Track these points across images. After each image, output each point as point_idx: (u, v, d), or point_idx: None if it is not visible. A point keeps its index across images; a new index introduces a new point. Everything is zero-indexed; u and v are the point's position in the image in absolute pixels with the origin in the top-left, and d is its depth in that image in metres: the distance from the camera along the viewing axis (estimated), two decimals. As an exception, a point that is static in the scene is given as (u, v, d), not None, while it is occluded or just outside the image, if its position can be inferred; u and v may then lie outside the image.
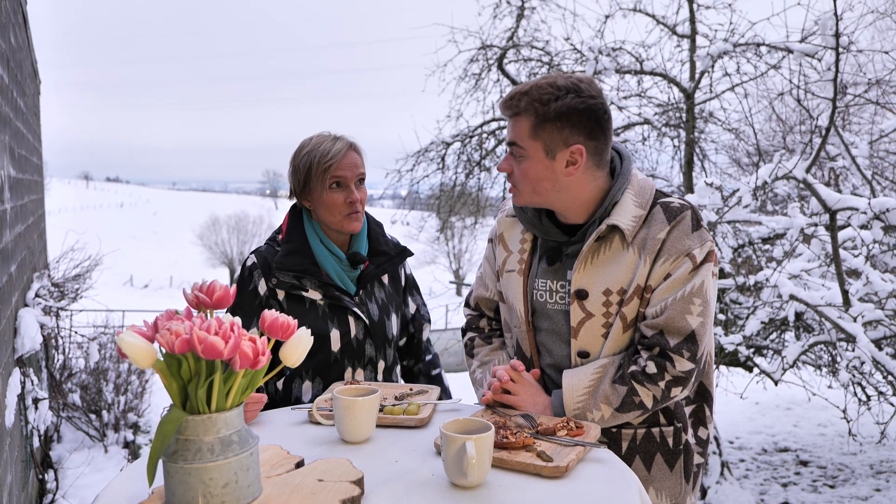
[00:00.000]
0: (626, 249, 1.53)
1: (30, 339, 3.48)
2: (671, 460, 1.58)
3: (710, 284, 1.52)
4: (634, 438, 1.56)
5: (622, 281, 1.52)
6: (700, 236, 1.52)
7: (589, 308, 1.54)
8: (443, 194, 6.84)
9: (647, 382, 1.49)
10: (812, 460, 5.41)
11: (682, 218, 1.52)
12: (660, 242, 1.51)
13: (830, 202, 3.42)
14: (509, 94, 1.55)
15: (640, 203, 1.55)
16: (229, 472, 0.95)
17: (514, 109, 1.53)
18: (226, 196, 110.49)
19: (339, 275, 1.88)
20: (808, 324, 3.94)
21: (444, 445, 1.19)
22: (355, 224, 1.86)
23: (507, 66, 5.89)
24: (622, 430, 1.56)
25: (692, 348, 1.49)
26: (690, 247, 1.50)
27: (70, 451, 5.09)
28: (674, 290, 1.49)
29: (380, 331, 1.91)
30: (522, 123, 1.52)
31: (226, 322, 0.92)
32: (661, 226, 1.52)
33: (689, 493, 1.63)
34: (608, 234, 1.55)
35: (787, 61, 4.30)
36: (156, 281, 39.90)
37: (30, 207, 4.66)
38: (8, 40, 3.51)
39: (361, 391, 1.46)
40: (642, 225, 1.54)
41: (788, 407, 6.92)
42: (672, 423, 1.59)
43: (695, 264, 1.49)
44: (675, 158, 5.43)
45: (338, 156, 1.82)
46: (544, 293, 1.62)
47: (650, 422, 1.58)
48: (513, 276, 1.68)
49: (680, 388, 1.51)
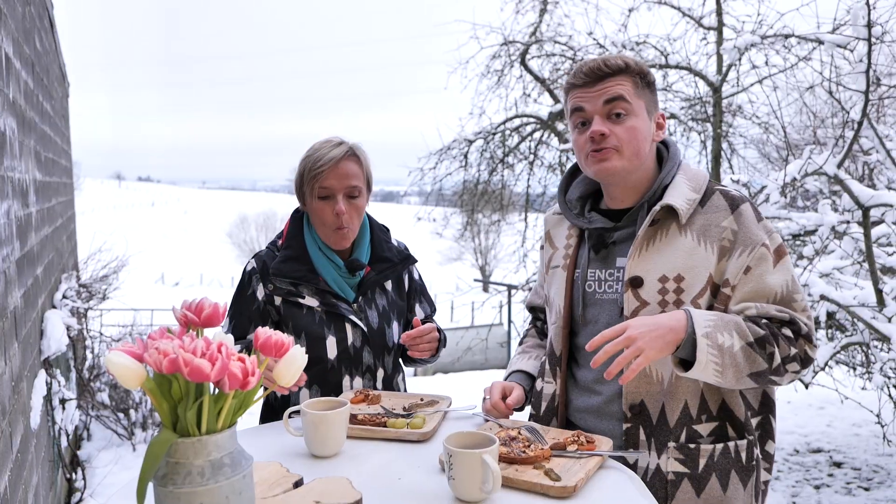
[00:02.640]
0: (682, 234, 1.46)
1: (56, 341, 3.53)
2: (745, 477, 1.47)
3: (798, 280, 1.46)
4: (712, 455, 1.44)
5: (679, 267, 1.44)
6: (765, 227, 1.46)
7: (644, 296, 1.46)
8: (466, 192, 6.80)
9: (782, 340, 1.37)
10: (846, 461, 5.26)
11: (744, 208, 1.46)
12: (725, 231, 1.43)
13: (863, 198, 3.30)
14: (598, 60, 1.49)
15: (694, 188, 1.49)
16: (220, 496, 0.92)
17: (610, 70, 1.48)
18: (254, 194, 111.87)
19: (337, 282, 1.84)
20: (840, 323, 3.82)
21: (454, 462, 1.15)
22: (341, 239, 1.82)
23: (529, 62, 5.82)
24: (700, 446, 1.44)
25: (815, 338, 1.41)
26: (761, 237, 1.43)
27: (99, 449, 5.17)
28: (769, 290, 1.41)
29: (379, 339, 1.87)
30: (624, 82, 1.48)
31: (213, 343, 0.89)
32: (723, 213, 1.45)
33: None
34: (663, 220, 1.48)
35: (817, 53, 4.16)
36: (186, 279, 40.53)
37: (58, 210, 4.73)
38: (33, 45, 3.55)
39: (331, 404, 1.43)
40: (699, 210, 1.47)
41: (821, 406, 6.75)
42: (744, 436, 1.48)
43: (771, 254, 1.42)
44: (702, 153, 5.32)
45: (328, 165, 1.77)
46: (593, 283, 1.56)
47: (721, 435, 1.47)
48: (557, 272, 1.64)
49: (797, 369, 1.39)
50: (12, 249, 2.48)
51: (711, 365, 1.32)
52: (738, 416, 1.47)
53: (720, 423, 1.47)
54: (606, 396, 1.53)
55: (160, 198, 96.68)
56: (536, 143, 6.22)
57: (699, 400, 1.46)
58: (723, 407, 1.47)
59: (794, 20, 4.22)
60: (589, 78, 1.48)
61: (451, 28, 5.98)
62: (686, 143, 5.58)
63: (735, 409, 1.47)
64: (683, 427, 1.45)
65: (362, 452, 1.40)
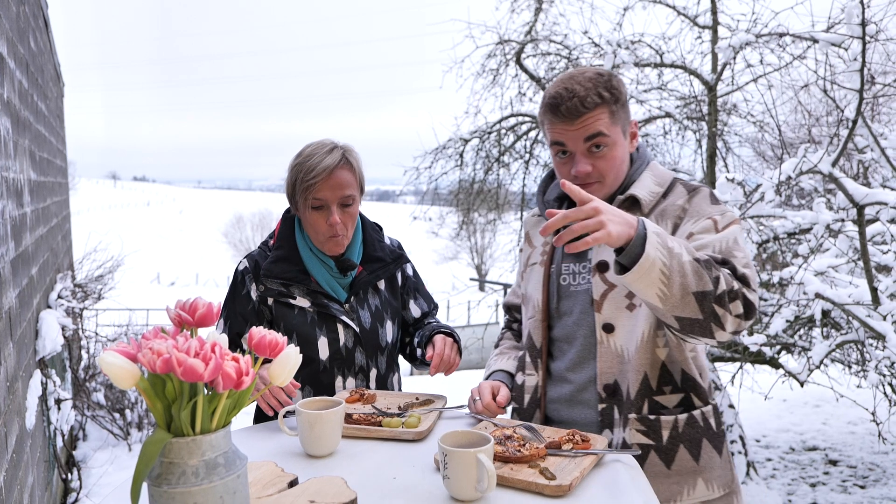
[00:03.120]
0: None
1: (51, 341, 3.52)
2: (718, 444, 1.49)
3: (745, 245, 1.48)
4: (676, 426, 1.47)
5: None
6: (721, 209, 1.50)
7: (611, 279, 1.54)
8: (462, 191, 6.80)
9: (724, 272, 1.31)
10: (842, 459, 5.28)
11: (702, 190, 1.55)
12: (679, 209, 1.52)
13: (858, 197, 3.31)
14: (567, 98, 1.50)
15: (659, 182, 1.59)
16: (214, 496, 0.92)
17: (585, 108, 1.51)
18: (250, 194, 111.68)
19: (329, 282, 1.84)
20: (835, 322, 3.83)
21: (449, 461, 1.15)
22: (334, 247, 1.82)
23: (525, 61, 5.82)
24: (661, 418, 1.47)
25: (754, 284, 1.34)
26: (712, 212, 1.49)
27: (95, 449, 5.16)
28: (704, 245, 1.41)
29: (371, 339, 1.86)
30: (602, 115, 1.52)
31: (207, 343, 0.89)
32: (680, 197, 1.55)
33: (737, 479, 1.54)
34: (628, 209, 1.56)
35: (812, 51, 4.17)
36: (182, 278, 40.45)
37: (53, 209, 4.71)
38: (27, 45, 3.54)
39: (326, 404, 1.43)
40: (661, 200, 1.56)
41: (817, 404, 6.77)
42: (708, 402, 1.52)
43: (716, 226, 1.45)
44: (698, 152, 5.33)
45: (321, 175, 1.74)
46: (567, 276, 1.63)
47: (687, 405, 1.50)
48: (535, 269, 1.70)
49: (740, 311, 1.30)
50: (7, 249, 2.47)
51: (659, 263, 1.24)
52: (702, 384, 1.51)
53: (686, 395, 1.51)
54: (578, 384, 1.58)
55: (155, 197, 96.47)
56: (532, 142, 6.22)
57: (659, 371, 1.49)
58: (685, 377, 1.51)
59: (788, 19, 4.24)
60: (567, 116, 1.52)
61: (446, 27, 5.98)
62: (681, 141, 5.58)
63: (696, 376, 1.51)
64: (644, 399, 1.49)
65: (357, 452, 1.40)
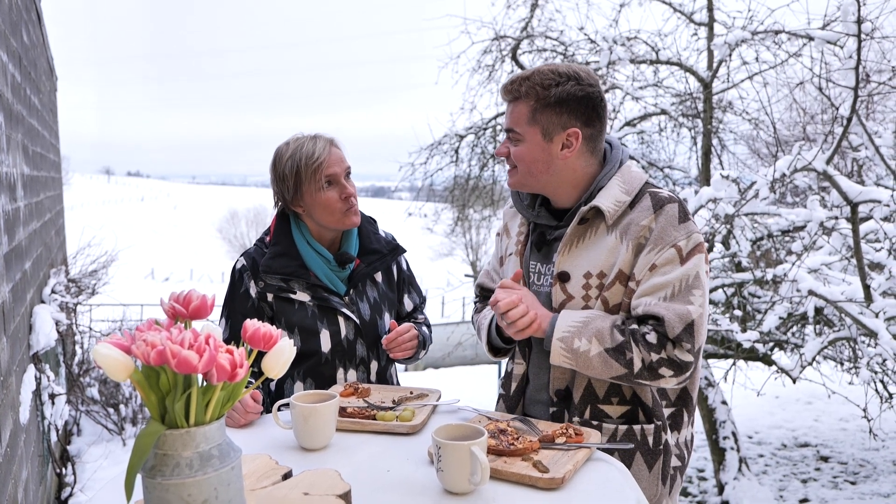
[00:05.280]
0: (608, 233, 1.55)
1: (45, 336, 3.50)
2: (650, 460, 1.55)
3: (705, 278, 1.51)
4: (615, 435, 1.54)
5: (603, 265, 1.54)
6: (687, 228, 1.51)
7: (570, 290, 1.57)
8: (457, 187, 6.80)
9: (642, 346, 1.44)
10: (833, 456, 5.31)
11: (668, 208, 1.52)
12: (643, 230, 1.51)
13: (852, 194, 3.32)
14: (510, 79, 1.59)
15: (627, 190, 1.57)
16: (209, 487, 0.92)
17: (515, 94, 1.58)
18: (244, 189, 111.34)
19: (328, 275, 1.85)
20: (828, 319, 3.85)
21: (443, 454, 1.16)
22: (354, 218, 1.85)
23: (520, 57, 5.81)
24: (603, 424, 1.54)
25: (691, 340, 1.44)
26: (676, 238, 1.49)
27: (89, 444, 5.15)
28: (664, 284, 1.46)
29: (371, 331, 1.87)
30: (521, 108, 1.57)
31: (201, 335, 0.89)
32: (645, 213, 1.52)
33: (666, 497, 1.60)
34: (593, 219, 1.57)
35: (807, 49, 4.19)
36: (176, 274, 40.32)
37: (46, 204, 4.69)
38: (20, 38, 3.52)
39: (320, 397, 1.44)
40: (628, 211, 1.55)
41: (809, 401, 6.81)
42: (652, 420, 1.56)
43: (681, 256, 1.48)
44: (693, 149, 5.34)
45: (324, 154, 1.80)
46: (533, 274, 1.68)
47: (630, 418, 1.57)
48: (512, 259, 1.74)
49: (671, 373, 1.45)
50: (0, 244, 2.46)
51: (565, 363, 1.50)
52: (647, 402, 1.56)
53: (632, 408, 1.57)
54: (535, 385, 1.67)
55: (150, 193, 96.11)
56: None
57: (607, 384, 1.56)
58: (634, 395, 1.57)
59: (784, 16, 4.24)
60: (506, 95, 1.61)
61: (441, 23, 5.96)
62: (676, 139, 5.59)
63: (643, 395, 1.57)
64: (587, 405, 1.57)
65: (351, 445, 1.41)
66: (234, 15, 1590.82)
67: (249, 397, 1.57)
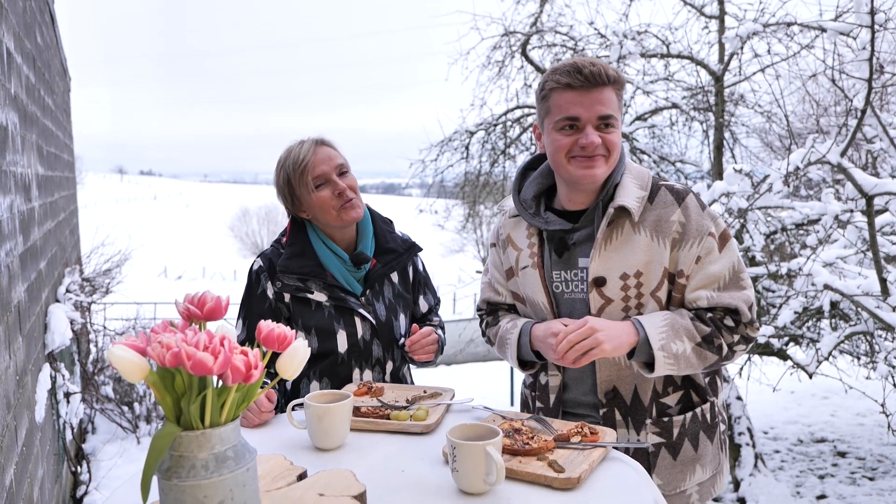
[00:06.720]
0: (636, 232, 1.53)
1: (60, 335, 3.53)
2: (711, 434, 1.63)
3: (741, 257, 1.59)
4: (684, 423, 1.59)
5: (639, 264, 1.52)
6: (710, 214, 1.56)
7: (608, 294, 1.55)
8: (467, 183, 6.79)
9: (725, 331, 1.51)
10: (850, 451, 5.27)
11: (689, 200, 1.55)
12: (674, 225, 1.52)
13: (867, 187, 3.28)
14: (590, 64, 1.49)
15: (641, 185, 1.57)
16: (224, 489, 0.92)
17: (600, 79, 1.49)
18: (256, 187, 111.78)
19: (344, 276, 1.85)
20: (844, 313, 3.81)
21: (458, 454, 1.15)
22: (352, 212, 1.83)
23: (530, 53, 5.79)
24: (673, 419, 1.59)
25: (756, 318, 1.54)
26: (707, 227, 1.53)
27: (104, 442, 5.19)
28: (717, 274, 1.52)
29: (387, 331, 1.88)
30: (609, 94, 1.52)
31: (216, 336, 0.89)
32: (670, 208, 1.53)
33: (725, 462, 1.70)
34: (618, 219, 1.55)
35: (820, 41, 4.14)
36: (189, 272, 40.57)
37: (60, 204, 4.73)
38: (34, 40, 3.54)
39: (334, 397, 1.43)
40: (648, 206, 1.55)
41: (825, 396, 6.75)
42: (706, 399, 1.63)
43: (718, 242, 1.53)
44: (705, 143, 5.30)
45: (308, 155, 1.81)
46: (560, 284, 1.63)
47: (687, 402, 1.62)
48: (528, 272, 1.67)
49: (743, 349, 1.55)
50: (15, 244, 2.48)
51: (670, 370, 1.50)
52: (700, 383, 1.63)
53: (685, 392, 1.62)
54: (581, 389, 1.66)
55: (162, 191, 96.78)
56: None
57: (664, 377, 1.60)
58: (685, 377, 1.62)
59: (796, 8, 4.21)
60: (587, 83, 1.49)
61: (451, 19, 5.95)
62: (688, 132, 5.56)
63: (695, 377, 1.62)
64: (653, 403, 1.59)
65: (366, 445, 1.41)
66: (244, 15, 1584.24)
67: (264, 397, 1.57)
